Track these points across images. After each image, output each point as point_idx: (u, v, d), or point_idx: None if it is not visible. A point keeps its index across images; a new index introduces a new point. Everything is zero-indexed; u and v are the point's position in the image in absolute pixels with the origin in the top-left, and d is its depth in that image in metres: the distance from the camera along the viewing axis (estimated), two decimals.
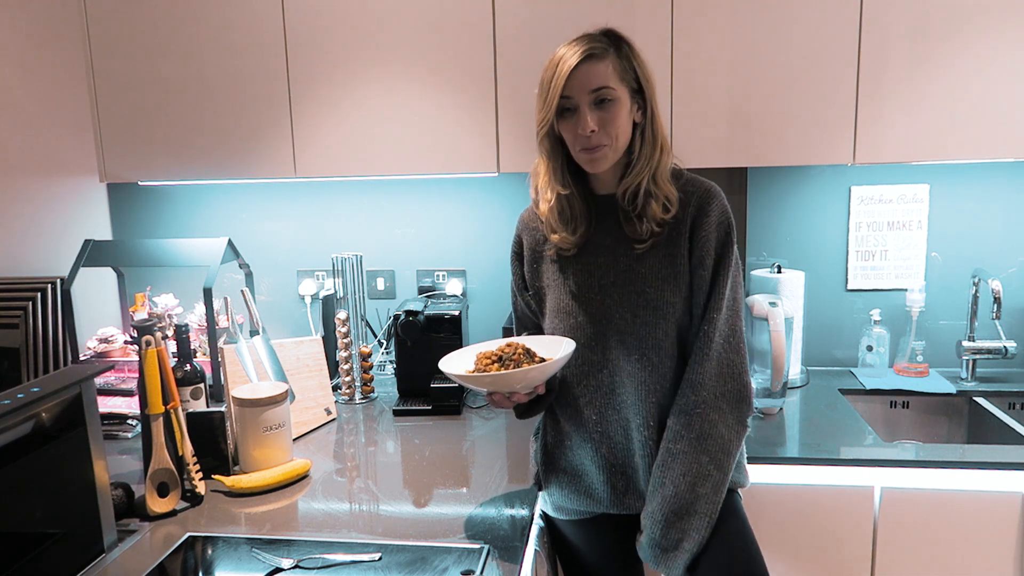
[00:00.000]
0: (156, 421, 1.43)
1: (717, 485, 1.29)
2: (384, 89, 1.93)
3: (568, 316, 1.37)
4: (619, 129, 1.29)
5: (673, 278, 1.33)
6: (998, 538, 1.60)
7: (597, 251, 1.37)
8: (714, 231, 1.32)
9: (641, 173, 1.31)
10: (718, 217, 1.32)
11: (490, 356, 1.31)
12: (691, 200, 1.33)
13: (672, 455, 1.29)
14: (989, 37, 1.74)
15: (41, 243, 2.03)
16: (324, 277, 2.35)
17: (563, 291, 1.39)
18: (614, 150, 1.30)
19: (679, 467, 1.28)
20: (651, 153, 1.32)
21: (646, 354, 1.33)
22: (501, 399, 1.31)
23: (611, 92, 1.27)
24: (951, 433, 2.04)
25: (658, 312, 1.32)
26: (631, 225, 1.34)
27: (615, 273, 1.35)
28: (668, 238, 1.33)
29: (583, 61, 1.25)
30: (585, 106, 1.27)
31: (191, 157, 2.02)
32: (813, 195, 2.17)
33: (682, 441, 1.29)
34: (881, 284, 2.18)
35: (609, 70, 1.27)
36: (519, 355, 1.29)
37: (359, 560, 1.23)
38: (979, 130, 1.77)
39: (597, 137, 1.28)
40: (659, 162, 1.32)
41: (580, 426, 1.39)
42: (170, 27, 1.97)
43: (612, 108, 1.28)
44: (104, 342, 2.07)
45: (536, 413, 1.44)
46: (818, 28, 1.77)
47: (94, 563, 1.24)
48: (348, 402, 2.07)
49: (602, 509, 1.42)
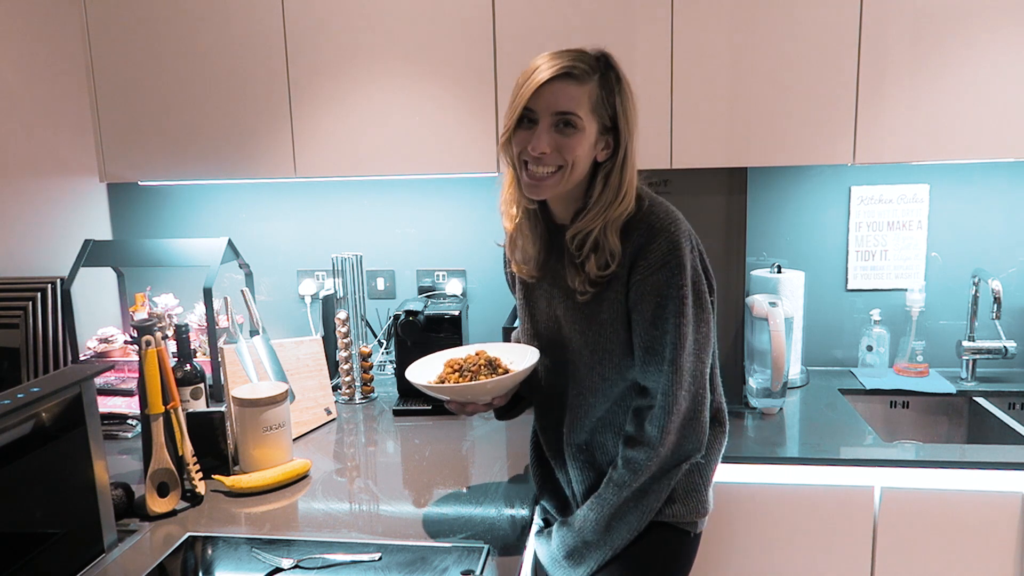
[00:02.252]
0: (156, 421, 1.43)
1: (633, 528, 1.25)
2: (384, 89, 1.93)
3: (532, 339, 1.38)
4: (576, 158, 1.18)
5: (610, 323, 1.24)
6: (998, 538, 1.60)
7: (555, 279, 1.31)
8: (654, 273, 1.19)
9: (595, 220, 1.20)
10: (661, 257, 1.18)
11: (454, 365, 1.33)
12: (632, 241, 1.20)
13: (609, 494, 1.25)
14: (989, 37, 1.74)
15: (41, 243, 2.03)
16: (324, 277, 2.35)
17: (525, 313, 1.39)
18: (565, 179, 1.19)
19: (608, 508, 1.24)
20: (611, 200, 1.20)
21: (584, 393, 1.31)
22: (458, 408, 1.32)
23: (576, 120, 1.16)
24: (951, 433, 2.03)
25: (596, 355, 1.27)
26: (572, 272, 1.25)
27: (565, 308, 1.30)
28: (609, 280, 1.23)
29: (557, 77, 1.16)
30: (544, 125, 1.17)
31: (191, 157, 2.02)
32: (813, 195, 2.17)
33: (623, 487, 1.23)
34: (881, 284, 2.18)
35: (583, 97, 1.17)
36: (479, 367, 1.30)
37: (359, 560, 1.23)
38: (979, 130, 1.77)
39: (549, 160, 1.18)
40: (616, 212, 1.20)
41: (554, 444, 1.40)
42: (170, 27, 1.97)
43: (573, 136, 1.17)
44: (104, 342, 2.07)
45: (514, 416, 1.46)
46: (818, 28, 1.77)
47: (94, 563, 1.24)
48: (348, 402, 2.07)
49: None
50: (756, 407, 1.89)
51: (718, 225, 1.86)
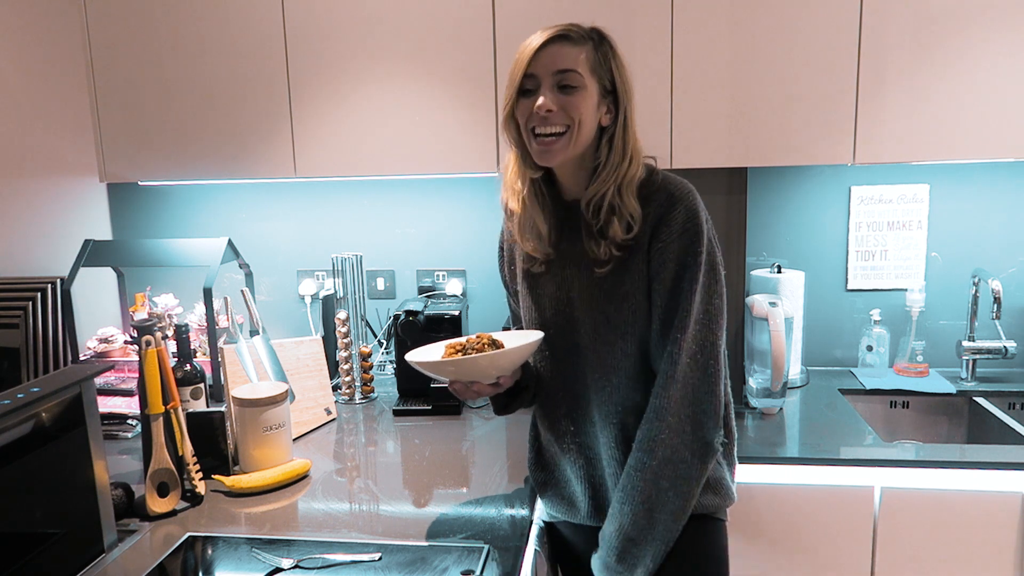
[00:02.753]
0: (156, 421, 1.43)
1: (676, 512, 1.22)
2: (384, 89, 1.93)
3: (538, 327, 1.35)
4: (581, 117, 1.19)
5: (632, 295, 1.24)
6: (998, 538, 1.60)
7: (564, 262, 1.30)
8: (675, 240, 1.20)
9: (607, 182, 1.22)
10: (681, 224, 1.20)
11: (455, 346, 1.29)
12: (651, 209, 1.22)
13: (632, 481, 1.22)
14: (989, 37, 1.74)
15: (41, 243, 2.03)
16: (324, 277, 2.35)
17: (530, 302, 1.36)
18: (572, 142, 1.20)
19: (639, 495, 1.21)
20: (618, 162, 1.22)
21: (607, 374, 1.28)
22: (462, 389, 1.27)
23: (577, 78, 1.18)
24: (951, 433, 2.04)
25: (617, 331, 1.25)
26: (592, 242, 1.25)
27: (579, 288, 1.28)
28: (628, 251, 1.24)
29: (553, 39, 1.19)
30: (547, 85, 1.19)
31: (191, 157, 2.02)
32: (813, 195, 2.17)
33: (644, 469, 1.21)
34: (881, 284, 2.19)
35: (580, 56, 1.19)
36: (482, 345, 1.26)
37: (359, 560, 1.23)
38: (979, 130, 1.77)
39: (554, 119, 1.18)
40: (626, 173, 1.22)
41: (559, 437, 1.38)
42: (170, 27, 1.97)
43: (575, 95, 1.19)
44: (104, 342, 2.07)
45: (514, 409, 1.42)
46: (818, 28, 1.77)
47: (94, 563, 1.24)
48: (348, 402, 2.07)
49: (581, 520, 1.40)
50: (756, 407, 1.89)
51: (718, 225, 1.83)
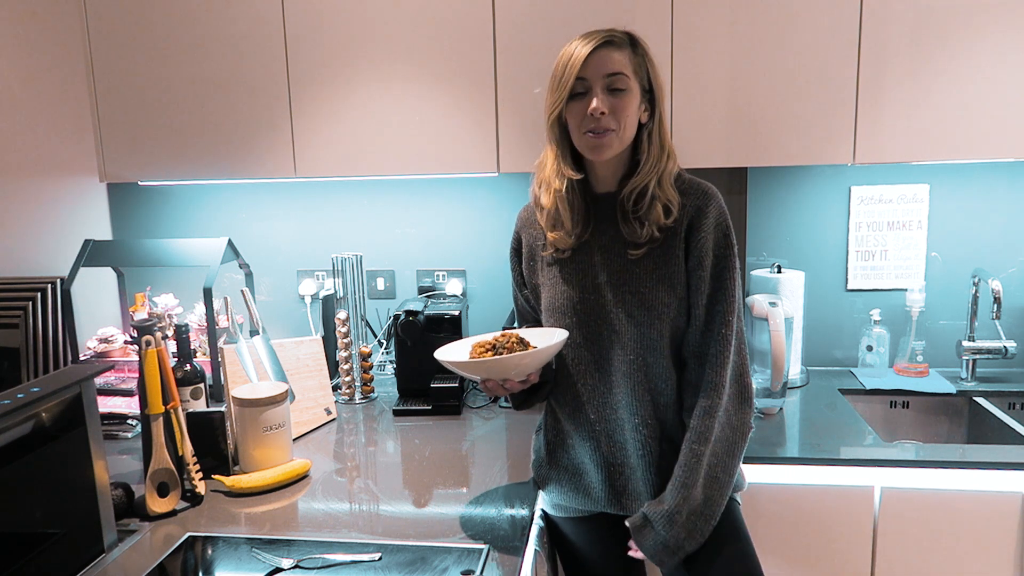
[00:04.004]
0: (156, 421, 1.43)
1: (723, 488, 1.31)
2: (384, 89, 1.93)
3: (563, 315, 1.38)
4: (628, 119, 1.30)
5: (668, 279, 1.33)
6: (998, 538, 1.60)
7: (592, 250, 1.37)
8: (712, 232, 1.31)
9: (649, 174, 1.32)
10: (716, 219, 1.32)
11: (484, 345, 1.33)
12: (688, 201, 1.33)
13: (696, 456, 1.29)
14: (989, 37, 1.74)
15: (41, 243, 2.03)
16: (324, 277, 2.35)
17: (558, 290, 1.39)
18: (620, 139, 1.30)
19: (702, 469, 1.29)
20: (659, 156, 1.33)
21: (641, 355, 1.34)
22: (495, 386, 1.33)
23: (625, 80, 1.28)
24: (951, 433, 2.04)
25: (653, 313, 1.32)
26: (629, 227, 1.33)
27: (609, 272, 1.35)
28: (664, 239, 1.33)
29: (601, 45, 1.28)
30: (598, 88, 1.28)
31: (191, 157, 2.02)
32: (813, 195, 2.17)
33: (705, 443, 1.29)
34: (881, 284, 2.18)
35: (625, 59, 1.29)
36: (512, 344, 1.30)
37: (359, 560, 1.23)
38: (979, 130, 1.77)
39: (606, 120, 1.28)
40: (665, 167, 1.33)
41: (579, 424, 1.40)
42: (170, 27, 1.97)
43: (624, 97, 1.29)
44: (104, 342, 2.07)
45: (533, 404, 1.46)
46: (818, 28, 1.77)
47: (94, 563, 1.24)
48: (348, 402, 2.07)
49: (599, 508, 1.42)
50: (756, 407, 1.89)
51: None
